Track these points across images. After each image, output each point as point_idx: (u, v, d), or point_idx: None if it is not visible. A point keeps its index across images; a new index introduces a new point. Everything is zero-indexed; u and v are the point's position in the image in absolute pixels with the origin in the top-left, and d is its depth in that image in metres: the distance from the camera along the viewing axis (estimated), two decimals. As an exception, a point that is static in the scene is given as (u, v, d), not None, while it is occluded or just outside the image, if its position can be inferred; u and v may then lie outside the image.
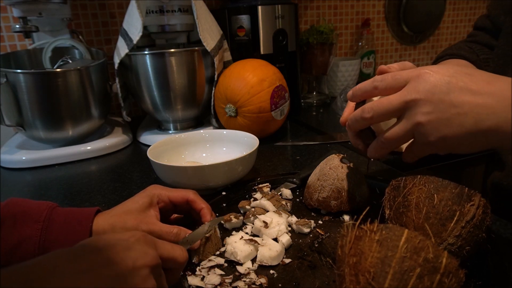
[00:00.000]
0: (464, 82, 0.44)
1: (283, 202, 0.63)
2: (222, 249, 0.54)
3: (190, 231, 0.52)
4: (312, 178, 0.65)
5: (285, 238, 0.54)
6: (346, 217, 0.61)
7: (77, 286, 0.32)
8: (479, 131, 0.42)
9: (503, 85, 0.43)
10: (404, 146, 0.53)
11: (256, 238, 0.53)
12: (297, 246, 0.54)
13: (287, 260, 0.51)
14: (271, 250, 0.50)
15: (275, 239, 0.54)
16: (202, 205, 0.56)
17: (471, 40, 0.82)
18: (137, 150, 1.05)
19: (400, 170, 0.81)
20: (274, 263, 0.50)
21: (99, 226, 0.50)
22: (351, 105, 0.59)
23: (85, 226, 0.50)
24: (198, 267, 0.50)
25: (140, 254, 0.37)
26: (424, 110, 0.45)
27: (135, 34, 0.94)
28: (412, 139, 0.49)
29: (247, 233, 0.57)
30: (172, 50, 0.97)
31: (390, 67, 0.54)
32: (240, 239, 0.53)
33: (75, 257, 0.34)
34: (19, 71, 0.87)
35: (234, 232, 0.58)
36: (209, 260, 0.51)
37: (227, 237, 0.55)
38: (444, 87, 0.44)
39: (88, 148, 0.98)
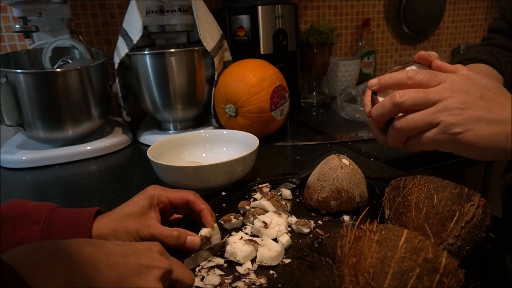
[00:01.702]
0: (494, 94, 0.50)
1: (283, 203, 0.63)
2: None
3: (191, 233, 0.52)
4: (311, 179, 0.65)
5: (285, 239, 0.54)
6: (346, 217, 0.61)
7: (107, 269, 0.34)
8: (508, 140, 0.47)
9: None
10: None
11: (255, 239, 0.53)
12: (297, 246, 0.54)
13: (287, 261, 0.51)
14: (270, 250, 0.50)
15: (275, 240, 0.54)
16: (202, 206, 0.55)
17: (488, 43, 0.81)
18: (137, 150, 1.05)
19: (400, 170, 0.81)
20: (274, 263, 0.50)
21: (100, 231, 0.50)
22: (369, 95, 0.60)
23: (85, 226, 0.50)
24: (197, 268, 0.50)
25: (157, 257, 0.39)
26: (460, 121, 0.48)
27: (135, 34, 0.94)
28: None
29: (246, 233, 0.57)
30: (172, 50, 0.97)
31: (430, 55, 0.58)
32: (240, 239, 0.53)
33: (99, 245, 0.36)
34: (19, 71, 0.87)
35: (233, 232, 0.58)
36: (209, 260, 0.51)
37: (226, 237, 0.55)
38: (477, 100, 0.49)
39: (88, 148, 0.98)
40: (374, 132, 0.60)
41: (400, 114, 0.52)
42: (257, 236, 0.56)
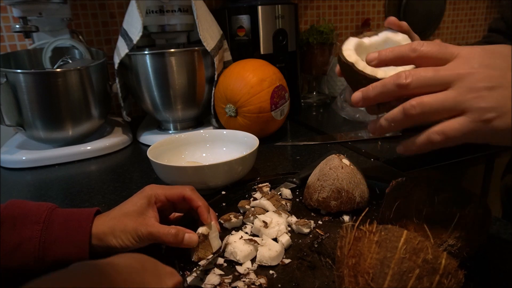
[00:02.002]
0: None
1: (283, 202, 0.63)
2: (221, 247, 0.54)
3: (189, 231, 0.52)
4: (312, 178, 0.65)
5: (285, 238, 0.54)
6: (346, 218, 0.61)
7: None
8: None
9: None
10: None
11: (256, 238, 0.53)
12: (297, 246, 0.54)
13: (287, 261, 0.51)
14: (270, 250, 0.50)
15: (275, 239, 0.54)
16: (199, 202, 0.55)
17: (486, 41, 0.82)
18: (137, 150, 1.05)
19: (400, 170, 0.81)
20: (274, 263, 0.50)
21: (99, 229, 0.50)
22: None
23: (85, 226, 0.50)
24: (196, 268, 0.50)
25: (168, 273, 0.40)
26: (490, 106, 0.38)
27: (135, 34, 0.94)
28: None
29: (246, 232, 0.57)
30: (172, 50, 0.97)
31: (401, 24, 0.51)
32: (240, 238, 0.53)
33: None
34: (19, 71, 0.87)
35: (233, 232, 0.58)
36: (209, 260, 0.51)
37: (227, 236, 0.55)
38: (501, 80, 0.39)
39: (88, 148, 0.98)
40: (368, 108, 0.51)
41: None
42: (257, 236, 0.56)
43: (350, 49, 0.52)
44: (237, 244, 0.52)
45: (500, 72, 0.39)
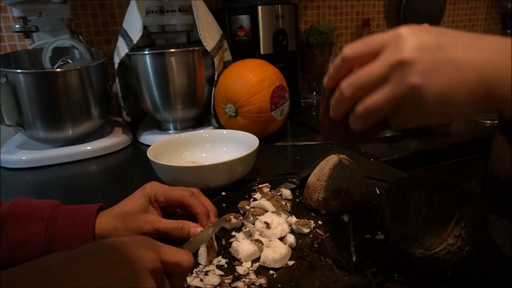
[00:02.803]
0: (453, 36, 0.37)
1: (283, 203, 0.63)
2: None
3: (195, 224, 0.52)
4: (312, 178, 0.65)
5: (291, 238, 0.54)
6: (346, 218, 0.61)
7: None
8: (483, 87, 0.35)
9: (496, 39, 0.37)
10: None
11: (262, 239, 0.53)
12: (297, 246, 0.54)
13: (291, 263, 0.50)
14: (275, 252, 0.50)
15: (281, 239, 0.54)
16: (197, 210, 0.54)
17: None
18: (137, 150, 1.05)
19: (400, 170, 0.81)
20: (277, 266, 0.49)
21: (102, 229, 0.51)
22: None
23: (88, 222, 0.50)
24: (196, 268, 0.50)
25: (138, 257, 0.36)
26: (417, 69, 0.35)
27: (135, 34, 0.94)
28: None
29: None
30: (172, 50, 0.97)
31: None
32: (248, 237, 0.53)
33: (77, 259, 0.33)
34: (19, 71, 0.87)
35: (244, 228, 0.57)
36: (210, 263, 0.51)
37: (236, 232, 0.56)
38: (434, 42, 0.36)
39: (88, 148, 0.98)
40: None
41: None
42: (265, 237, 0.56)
43: None
44: (242, 243, 0.52)
45: (431, 39, 0.36)
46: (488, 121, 1.15)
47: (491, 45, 0.36)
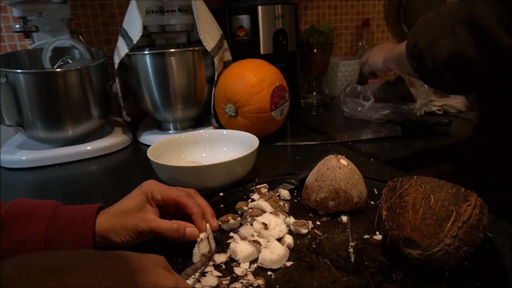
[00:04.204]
0: (382, 46, 1.13)
1: (281, 203, 0.63)
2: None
3: (190, 225, 0.52)
4: (310, 179, 0.65)
5: (289, 239, 0.54)
6: (344, 218, 0.61)
7: (100, 284, 0.33)
8: (386, 57, 1.02)
9: (391, 44, 1.07)
10: None
11: (260, 240, 0.53)
12: (295, 247, 0.54)
13: (289, 263, 0.50)
14: (273, 253, 0.50)
15: (279, 239, 0.54)
16: (193, 210, 0.54)
17: None
18: (137, 150, 1.05)
19: (399, 170, 0.81)
20: (275, 266, 0.49)
21: (100, 227, 0.51)
22: None
23: (88, 222, 0.50)
24: (189, 267, 0.50)
25: (163, 274, 0.39)
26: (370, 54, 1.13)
27: (135, 34, 0.94)
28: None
29: (252, 234, 0.57)
30: (172, 50, 0.97)
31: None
32: (245, 238, 0.53)
33: (100, 257, 0.35)
34: (19, 71, 0.88)
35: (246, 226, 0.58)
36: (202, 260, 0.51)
37: (233, 233, 0.56)
38: (377, 48, 1.12)
39: (88, 148, 0.99)
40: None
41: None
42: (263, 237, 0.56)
43: None
44: (240, 243, 0.52)
45: (376, 50, 1.12)
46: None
47: (392, 49, 0.99)
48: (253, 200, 0.65)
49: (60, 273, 0.31)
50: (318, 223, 0.60)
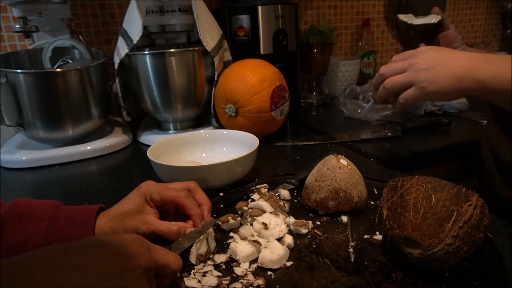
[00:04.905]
0: (442, 52, 0.67)
1: (281, 203, 0.63)
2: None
3: (189, 226, 0.52)
4: (310, 179, 0.65)
5: (289, 239, 0.54)
6: (344, 218, 0.61)
7: (68, 280, 0.31)
8: (455, 77, 0.63)
9: (462, 53, 0.65)
10: None
11: (260, 240, 0.53)
12: (295, 247, 0.54)
13: (289, 263, 0.50)
14: (273, 253, 0.50)
15: (279, 239, 0.54)
16: (191, 211, 0.54)
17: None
18: (137, 150, 1.05)
19: (399, 170, 0.81)
20: (275, 266, 0.49)
21: (100, 230, 0.51)
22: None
23: (89, 223, 0.50)
24: (194, 269, 0.50)
25: (133, 255, 0.37)
26: (423, 67, 0.65)
27: (135, 34, 0.94)
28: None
29: (253, 234, 0.57)
30: (172, 50, 0.97)
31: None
32: (246, 238, 0.53)
33: (68, 253, 0.33)
34: (19, 71, 0.88)
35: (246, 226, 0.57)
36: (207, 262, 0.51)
37: (233, 233, 0.55)
38: (433, 55, 0.66)
39: (88, 148, 0.98)
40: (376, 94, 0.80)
41: None
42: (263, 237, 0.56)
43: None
44: (240, 243, 0.52)
45: (432, 60, 0.65)
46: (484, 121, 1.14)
47: (460, 57, 0.64)
48: (253, 200, 0.65)
49: (26, 276, 0.29)
50: (318, 223, 0.60)
